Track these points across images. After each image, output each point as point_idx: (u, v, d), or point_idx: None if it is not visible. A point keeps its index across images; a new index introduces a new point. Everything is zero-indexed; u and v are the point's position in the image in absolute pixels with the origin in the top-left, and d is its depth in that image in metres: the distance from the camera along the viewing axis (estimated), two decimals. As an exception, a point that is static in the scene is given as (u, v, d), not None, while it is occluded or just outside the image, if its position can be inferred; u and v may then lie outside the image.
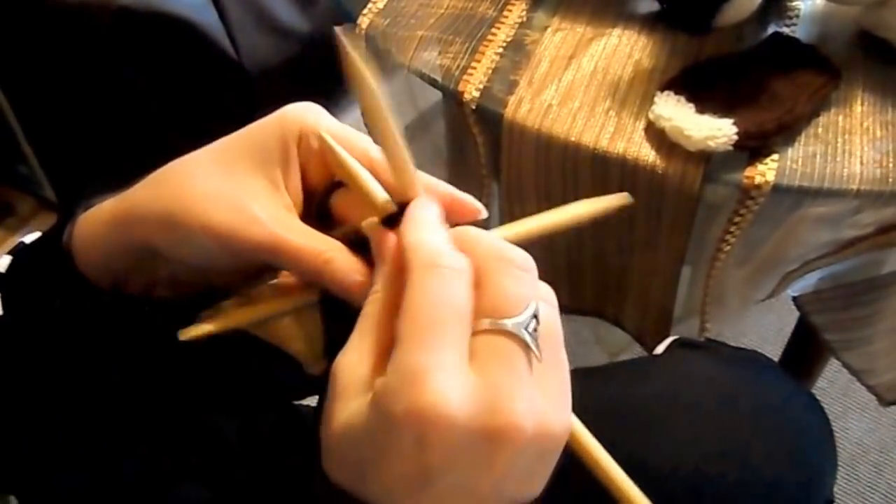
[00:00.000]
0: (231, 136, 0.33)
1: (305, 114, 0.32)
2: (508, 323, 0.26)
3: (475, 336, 0.26)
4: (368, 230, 0.30)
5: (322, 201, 0.34)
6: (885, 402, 0.76)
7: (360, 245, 0.32)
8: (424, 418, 0.24)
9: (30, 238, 0.37)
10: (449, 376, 0.24)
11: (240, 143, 0.32)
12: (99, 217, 0.34)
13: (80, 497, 0.35)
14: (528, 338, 0.26)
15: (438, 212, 0.29)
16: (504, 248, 0.28)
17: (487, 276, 0.27)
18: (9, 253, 0.36)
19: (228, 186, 0.31)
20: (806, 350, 0.89)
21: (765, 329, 1.20)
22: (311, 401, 0.51)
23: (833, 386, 1.15)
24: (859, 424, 1.13)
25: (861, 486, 1.08)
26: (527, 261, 0.28)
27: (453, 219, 0.31)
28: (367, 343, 0.27)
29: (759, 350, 0.60)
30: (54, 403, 0.35)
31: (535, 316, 0.26)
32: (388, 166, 0.30)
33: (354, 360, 0.27)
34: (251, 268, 0.34)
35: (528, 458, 0.26)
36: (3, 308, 0.34)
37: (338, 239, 0.32)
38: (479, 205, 0.32)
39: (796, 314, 0.82)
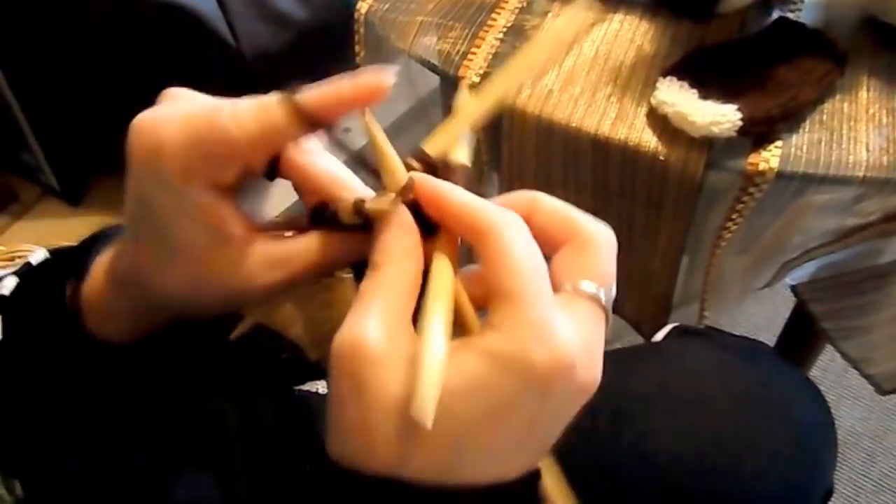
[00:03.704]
0: (132, 224, 0.31)
1: (167, 150, 0.28)
2: (605, 294, 0.28)
3: (572, 294, 0.27)
4: (381, 205, 0.30)
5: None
6: (883, 391, 0.76)
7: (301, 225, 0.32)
8: (561, 367, 0.25)
9: (36, 258, 0.36)
10: (567, 326, 0.26)
11: (148, 228, 0.30)
12: (98, 289, 0.34)
13: (82, 481, 0.35)
14: (610, 312, 0.28)
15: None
16: (608, 229, 0.29)
17: (595, 246, 0.29)
18: (14, 273, 0.35)
19: (190, 282, 0.31)
20: (801, 339, 0.89)
21: (758, 317, 1.20)
22: (312, 386, 0.51)
23: (826, 374, 1.15)
24: (852, 412, 1.13)
25: (854, 474, 1.08)
26: (615, 240, 0.30)
27: (364, 103, 0.30)
28: (396, 310, 0.26)
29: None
30: (57, 391, 0.35)
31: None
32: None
33: (388, 329, 0.26)
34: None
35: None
36: (3, 332, 0.34)
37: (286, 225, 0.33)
38: (383, 77, 0.29)
39: (790, 303, 0.82)
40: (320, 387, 0.49)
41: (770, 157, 0.54)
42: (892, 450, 1.11)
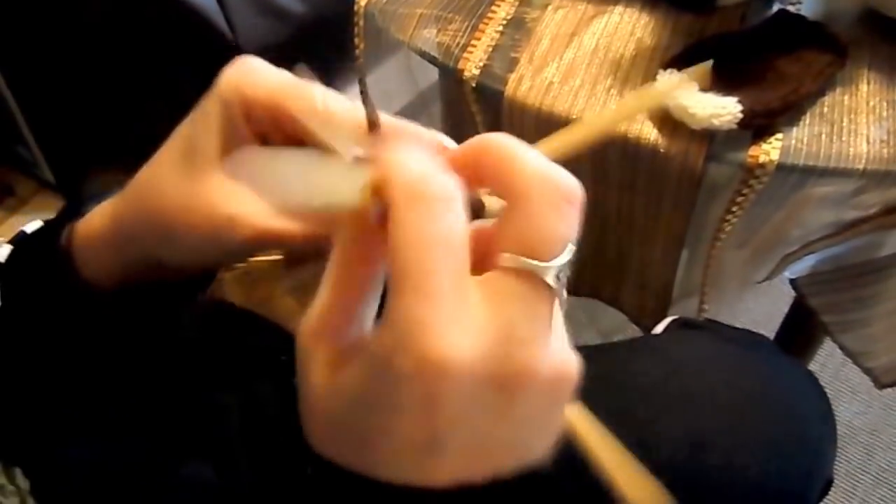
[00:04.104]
0: (181, 126, 0.32)
1: (240, 83, 0.30)
2: (541, 266, 0.23)
3: (498, 271, 0.23)
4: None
5: None
6: (881, 385, 0.76)
7: None
8: (435, 374, 0.22)
9: (31, 227, 0.37)
10: (454, 325, 0.22)
11: (190, 134, 0.31)
12: (94, 230, 0.34)
13: (84, 472, 0.35)
14: (557, 285, 0.23)
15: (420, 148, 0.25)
16: (554, 172, 0.23)
17: (528, 202, 0.23)
18: (9, 242, 0.36)
19: (195, 191, 0.30)
20: (800, 333, 0.89)
21: (757, 312, 1.20)
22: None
23: (825, 369, 1.16)
24: (850, 407, 1.14)
25: (851, 468, 1.08)
26: (575, 192, 0.24)
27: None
28: (334, 297, 0.25)
29: (751, 332, 0.60)
30: (58, 380, 0.35)
31: (570, 260, 0.23)
32: None
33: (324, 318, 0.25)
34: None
35: (543, 405, 0.24)
36: (2, 299, 0.34)
37: None
38: (440, 136, 0.29)
39: (789, 298, 0.82)
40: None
41: (770, 150, 0.54)
42: (890, 444, 1.11)
